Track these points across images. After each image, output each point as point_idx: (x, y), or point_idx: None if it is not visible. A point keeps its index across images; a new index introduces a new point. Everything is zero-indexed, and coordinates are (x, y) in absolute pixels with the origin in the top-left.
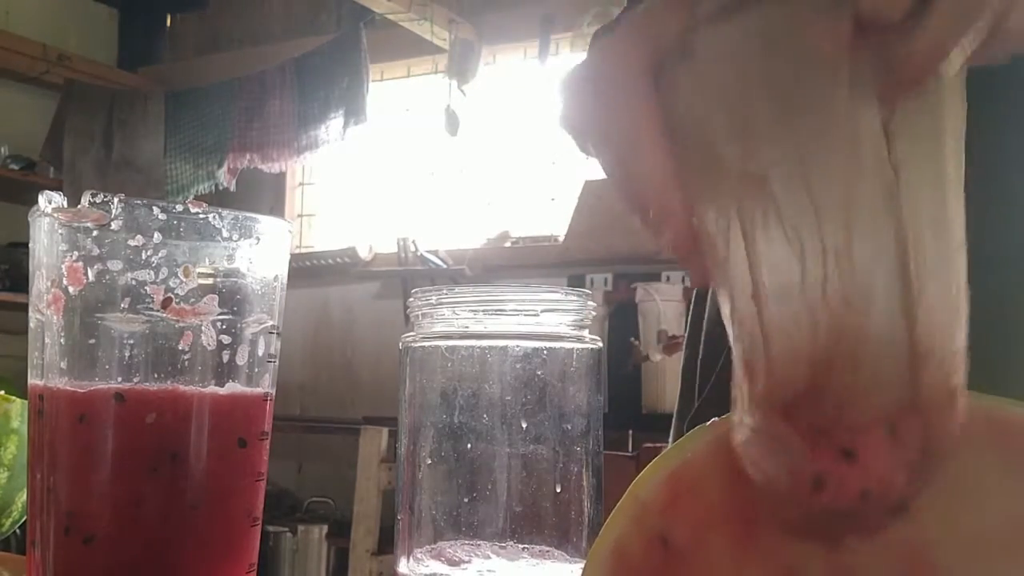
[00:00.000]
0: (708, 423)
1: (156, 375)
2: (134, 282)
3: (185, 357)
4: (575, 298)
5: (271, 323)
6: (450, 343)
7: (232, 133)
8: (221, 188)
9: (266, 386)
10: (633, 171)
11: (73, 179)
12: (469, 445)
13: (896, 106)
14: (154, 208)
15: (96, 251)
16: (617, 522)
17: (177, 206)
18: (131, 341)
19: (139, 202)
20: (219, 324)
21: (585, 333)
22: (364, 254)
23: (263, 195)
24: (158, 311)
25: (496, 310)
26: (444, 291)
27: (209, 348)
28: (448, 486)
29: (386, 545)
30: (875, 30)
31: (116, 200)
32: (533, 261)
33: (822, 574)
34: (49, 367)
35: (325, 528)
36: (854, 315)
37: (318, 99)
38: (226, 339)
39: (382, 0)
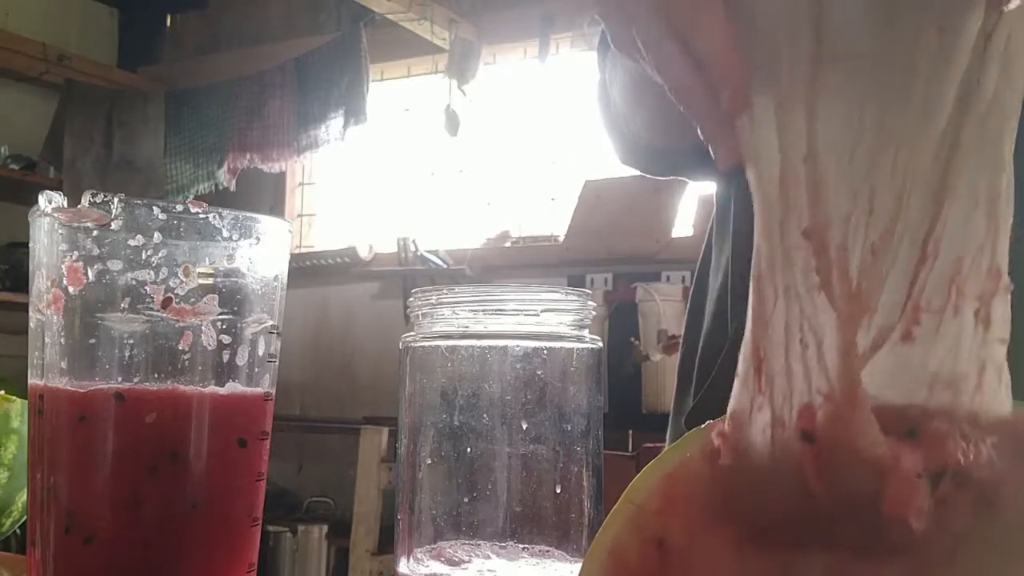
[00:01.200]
0: (704, 425)
1: (156, 375)
2: (134, 282)
3: (185, 357)
4: (575, 298)
5: (271, 323)
6: (450, 343)
7: (232, 133)
8: (221, 188)
9: (266, 386)
10: (694, 38)
11: (73, 179)
12: (469, 445)
13: (1002, 9)
14: (154, 208)
15: (96, 251)
16: (613, 525)
17: (177, 206)
18: (131, 341)
19: (139, 202)
20: (219, 324)
21: (585, 333)
22: (364, 254)
23: (263, 195)
24: (158, 311)
25: (496, 310)
26: (444, 291)
27: (209, 348)
28: (448, 486)
29: (386, 545)
30: None
31: (116, 200)
32: (533, 261)
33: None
34: (49, 367)
35: (325, 528)
36: (888, 200)
37: (318, 99)
38: (226, 339)
39: (382, 0)
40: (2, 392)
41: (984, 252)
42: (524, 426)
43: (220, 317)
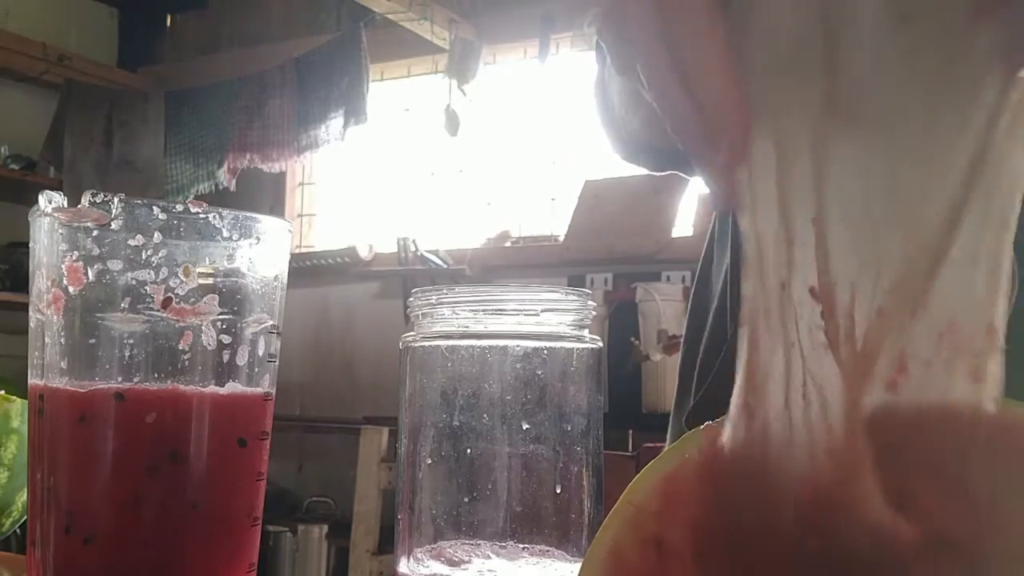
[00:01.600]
0: (703, 426)
1: (156, 375)
2: (134, 282)
3: (185, 357)
4: (575, 298)
5: (271, 323)
6: (450, 343)
7: (232, 133)
8: (221, 188)
9: (266, 386)
10: (695, 78)
11: (73, 179)
12: (469, 445)
13: (1020, 74)
14: (154, 208)
15: (96, 251)
16: (612, 525)
17: (177, 206)
18: (131, 341)
19: (139, 202)
20: (219, 324)
21: (585, 333)
22: (364, 254)
23: (263, 195)
24: (158, 311)
25: (496, 310)
26: (444, 291)
27: (209, 348)
28: (448, 486)
29: (386, 545)
30: None
31: (116, 200)
32: (533, 261)
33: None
34: (49, 367)
35: (325, 528)
36: (896, 263)
37: (318, 99)
38: (226, 339)
39: (382, 0)
40: (2, 392)
41: (981, 310)
42: (524, 426)
43: (220, 317)
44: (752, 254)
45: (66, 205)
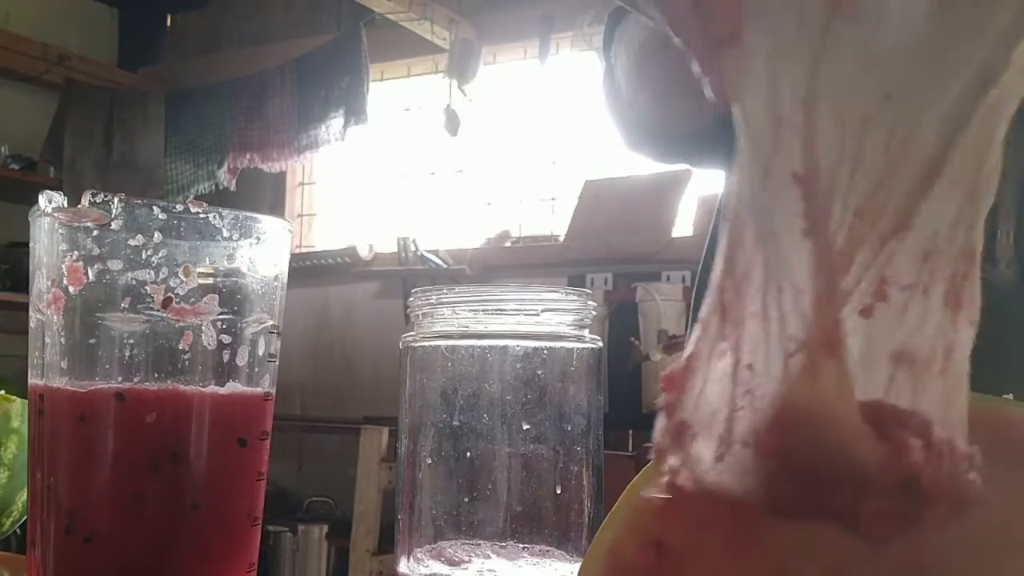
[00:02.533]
0: None
1: (156, 375)
2: (134, 282)
3: (185, 357)
4: (575, 298)
5: (271, 323)
6: (450, 343)
7: (232, 133)
8: (221, 188)
9: (266, 386)
10: None
11: (73, 179)
12: (469, 445)
13: None
14: (154, 208)
15: (96, 251)
16: (611, 527)
17: (177, 206)
18: (131, 341)
19: (139, 202)
20: (219, 324)
21: (585, 333)
22: (364, 254)
23: (263, 195)
24: (158, 311)
25: (496, 310)
26: (444, 291)
27: (209, 348)
28: (448, 486)
29: (386, 545)
30: None
31: (116, 200)
32: (533, 261)
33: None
34: (49, 367)
35: (325, 528)
36: (876, 165)
37: (318, 99)
38: (226, 339)
39: (382, 0)
40: (2, 392)
41: (959, 230)
42: (524, 426)
43: (220, 317)
44: (743, 143)
45: (66, 205)
